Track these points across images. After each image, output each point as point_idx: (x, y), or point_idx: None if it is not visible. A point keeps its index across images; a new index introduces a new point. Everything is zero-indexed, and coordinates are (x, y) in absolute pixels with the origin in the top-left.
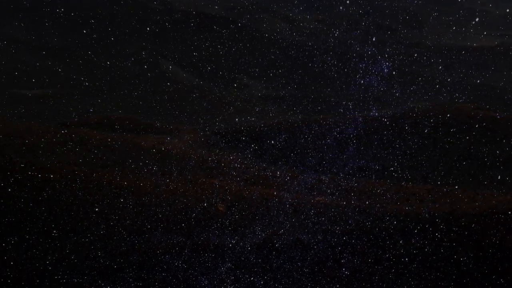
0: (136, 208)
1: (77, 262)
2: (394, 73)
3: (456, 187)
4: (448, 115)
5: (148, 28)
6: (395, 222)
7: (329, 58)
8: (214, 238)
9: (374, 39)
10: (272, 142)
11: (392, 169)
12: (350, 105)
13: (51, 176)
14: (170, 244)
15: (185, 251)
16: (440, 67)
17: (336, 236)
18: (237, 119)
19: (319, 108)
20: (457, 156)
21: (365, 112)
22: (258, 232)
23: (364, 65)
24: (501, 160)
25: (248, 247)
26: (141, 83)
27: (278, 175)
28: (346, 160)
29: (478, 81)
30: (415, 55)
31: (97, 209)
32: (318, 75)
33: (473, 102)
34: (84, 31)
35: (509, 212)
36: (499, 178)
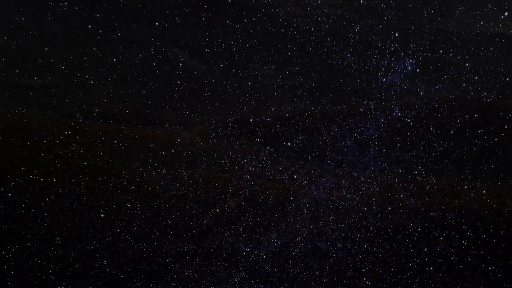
0: (144, 214)
1: (82, 271)
2: (418, 70)
3: (485, 191)
4: (476, 115)
5: (157, 23)
6: (419, 229)
7: (348, 55)
8: (227, 245)
9: (396, 34)
10: (289, 143)
11: (416, 172)
12: (371, 105)
13: (54, 180)
14: (180, 251)
15: (197, 259)
16: (467, 64)
17: (356, 244)
18: (251, 120)
19: (338, 108)
20: (485, 159)
21: (387, 112)
22: (274, 239)
23: (386, 62)
24: None
25: (263, 255)
26: (149, 81)
27: (295, 178)
28: (367, 163)
29: (508, 79)
30: (440, 51)
31: (102, 215)
32: (337, 72)
33: (503, 100)
34: (89, 26)
35: None
36: None
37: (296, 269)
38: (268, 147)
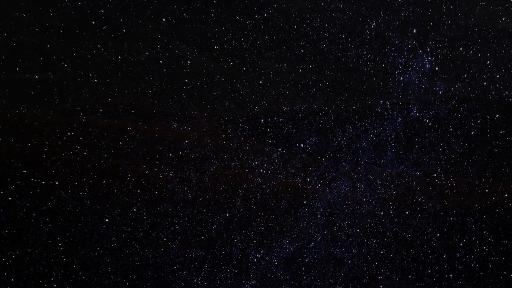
0: (150, 218)
1: (85, 279)
2: (436, 68)
3: (507, 195)
4: (497, 115)
5: (163, 19)
6: (438, 234)
7: (364, 52)
8: (238, 251)
9: (414, 31)
10: (302, 145)
11: (435, 175)
12: (388, 104)
13: (56, 183)
14: (188, 258)
15: (205, 266)
16: (488, 62)
17: (372, 249)
18: (262, 120)
19: (353, 107)
20: (507, 161)
21: (405, 112)
22: (286, 245)
23: (403, 59)
24: None
25: (275, 261)
26: (156, 80)
27: (309, 181)
28: (384, 165)
29: None
30: (460, 48)
31: (107, 220)
32: (353, 70)
33: None
34: (93, 22)
35: None
36: None
37: (309, 276)
38: (280, 149)
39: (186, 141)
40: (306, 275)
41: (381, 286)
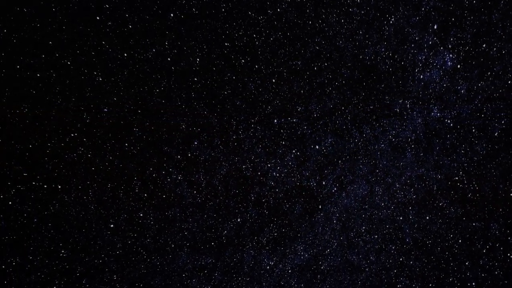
0: (158, 224)
1: (89, 287)
2: (458, 66)
3: None
4: None
5: (172, 14)
6: (460, 240)
7: (382, 49)
8: (249, 259)
9: (435, 27)
10: (317, 147)
11: (457, 178)
12: (407, 104)
13: (59, 186)
14: (198, 265)
15: (216, 273)
16: None
17: (391, 257)
18: (275, 121)
19: (371, 107)
20: None
21: (425, 112)
22: (300, 252)
23: (423, 57)
24: None
25: (289, 269)
26: (164, 79)
27: (324, 185)
28: (403, 168)
29: None
30: (484, 45)
31: (112, 225)
32: (370, 68)
33: None
34: (97, 18)
35: None
36: None
37: (325, 284)
38: (294, 150)
39: (195, 143)
40: (321, 283)
41: None
